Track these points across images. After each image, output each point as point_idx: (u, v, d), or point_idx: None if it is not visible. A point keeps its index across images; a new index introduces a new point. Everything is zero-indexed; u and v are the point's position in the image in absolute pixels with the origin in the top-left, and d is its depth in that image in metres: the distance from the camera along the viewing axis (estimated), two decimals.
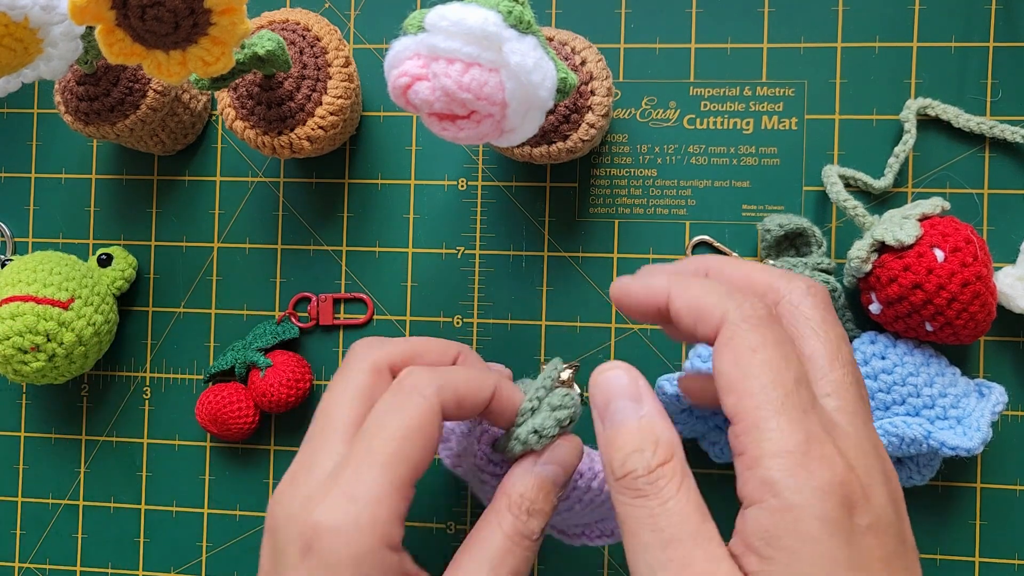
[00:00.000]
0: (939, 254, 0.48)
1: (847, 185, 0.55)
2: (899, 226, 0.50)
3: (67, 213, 0.62)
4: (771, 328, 0.32)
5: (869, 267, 0.51)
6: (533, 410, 0.40)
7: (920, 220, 0.50)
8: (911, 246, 0.49)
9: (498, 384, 0.40)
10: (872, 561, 0.29)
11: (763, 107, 0.56)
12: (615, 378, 0.34)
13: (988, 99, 0.55)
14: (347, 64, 0.53)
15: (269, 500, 0.39)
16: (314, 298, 0.59)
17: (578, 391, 0.42)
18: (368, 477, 0.34)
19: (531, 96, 0.40)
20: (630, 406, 0.33)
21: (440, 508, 0.58)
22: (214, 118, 0.61)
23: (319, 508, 0.34)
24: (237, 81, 0.51)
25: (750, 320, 0.32)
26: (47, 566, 0.61)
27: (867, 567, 0.29)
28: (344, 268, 0.59)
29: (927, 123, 0.55)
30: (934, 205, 0.51)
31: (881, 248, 0.51)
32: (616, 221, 0.57)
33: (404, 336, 0.58)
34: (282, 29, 0.53)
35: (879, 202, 0.55)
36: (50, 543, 0.61)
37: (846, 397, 0.32)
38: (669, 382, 0.51)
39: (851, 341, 0.54)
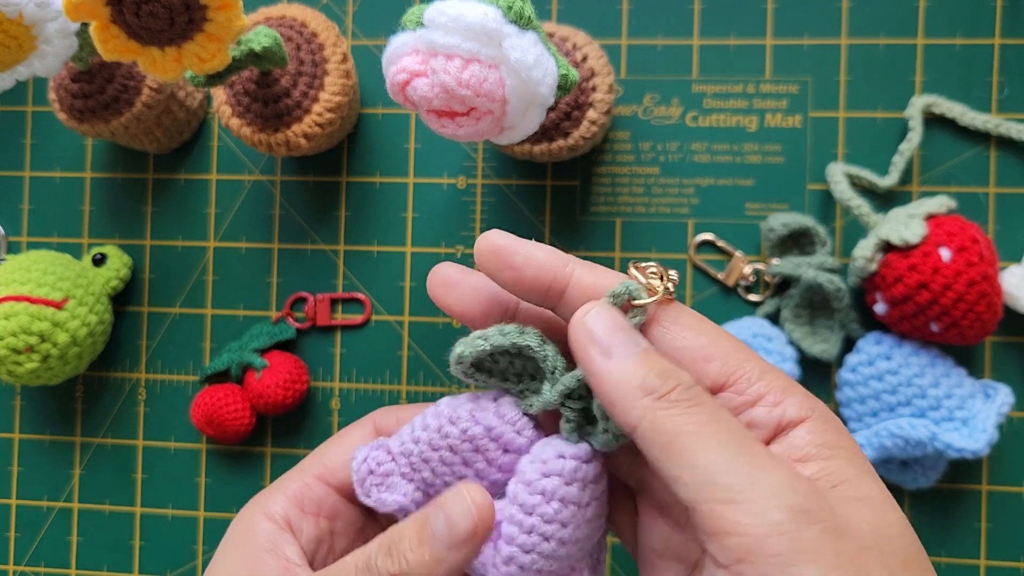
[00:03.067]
0: (945, 253, 0.48)
1: (852, 183, 0.54)
2: (904, 225, 0.49)
3: (61, 212, 0.61)
4: (690, 311, 0.34)
5: (874, 267, 0.50)
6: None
7: (926, 219, 0.50)
8: (917, 245, 0.49)
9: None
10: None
11: (767, 104, 0.56)
12: (606, 310, 0.32)
13: (994, 96, 0.55)
14: (344, 60, 0.52)
15: None
16: (311, 298, 0.58)
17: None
18: None
19: (531, 92, 0.40)
20: (635, 335, 0.32)
21: None
22: (210, 115, 0.60)
23: None
24: (233, 78, 0.51)
25: (676, 302, 0.34)
26: (41, 569, 0.61)
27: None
28: (341, 268, 0.59)
29: (932, 121, 0.55)
30: (940, 204, 0.51)
31: (886, 247, 0.50)
32: (618, 220, 0.57)
33: (403, 336, 0.58)
34: (279, 25, 0.52)
35: (884, 201, 0.55)
36: (44, 546, 0.61)
37: None
38: None
39: (856, 341, 0.53)
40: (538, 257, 0.33)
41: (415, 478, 0.37)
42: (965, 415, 0.50)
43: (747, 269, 0.55)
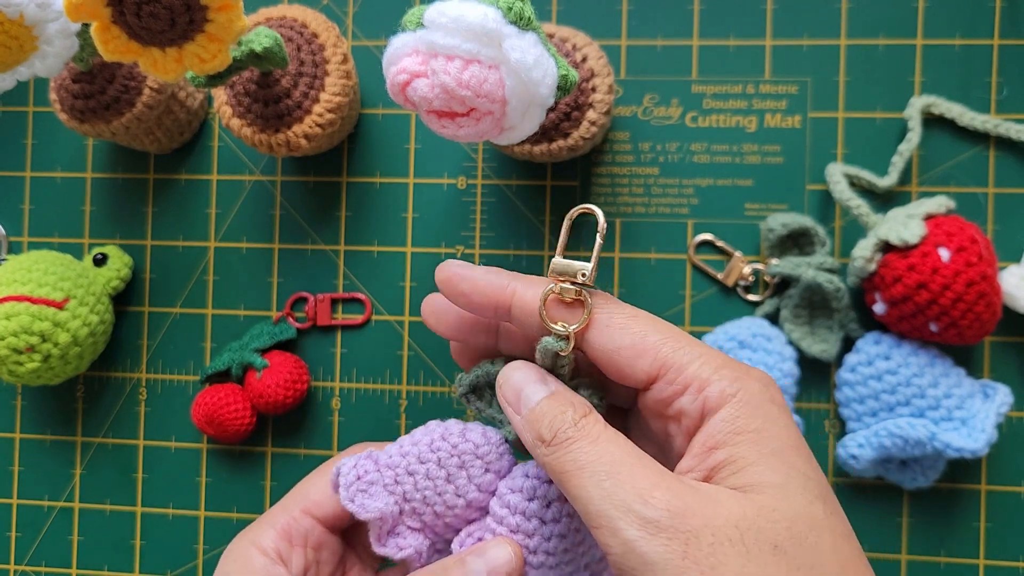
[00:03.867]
0: (944, 253, 0.48)
1: (851, 184, 0.54)
2: (904, 225, 0.49)
3: (62, 212, 0.61)
4: (614, 300, 0.37)
5: (873, 267, 0.50)
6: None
7: (925, 219, 0.50)
8: (916, 245, 0.49)
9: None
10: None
11: (766, 105, 0.56)
12: (519, 370, 0.37)
13: (993, 97, 0.55)
14: (345, 61, 0.52)
15: None
16: (311, 298, 0.58)
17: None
18: None
19: (531, 93, 0.40)
20: (539, 387, 0.36)
21: None
22: (210, 116, 0.60)
23: None
24: (234, 78, 0.51)
25: (608, 299, 0.36)
26: (42, 569, 0.61)
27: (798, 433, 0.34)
28: (342, 268, 0.59)
29: (931, 121, 0.55)
30: (939, 204, 0.51)
31: (885, 247, 0.50)
32: (618, 220, 0.57)
33: (403, 336, 0.58)
34: (279, 26, 0.52)
35: (883, 201, 0.55)
36: (45, 546, 0.61)
37: None
38: None
39: (855, 341, 0.54)
40: (479, 282, 0.37)
41: (396, 491, 0.40)
42: (964, 415, 0.51)
43: (746, 269, 0.55)
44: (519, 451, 0.40)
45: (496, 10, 0.38)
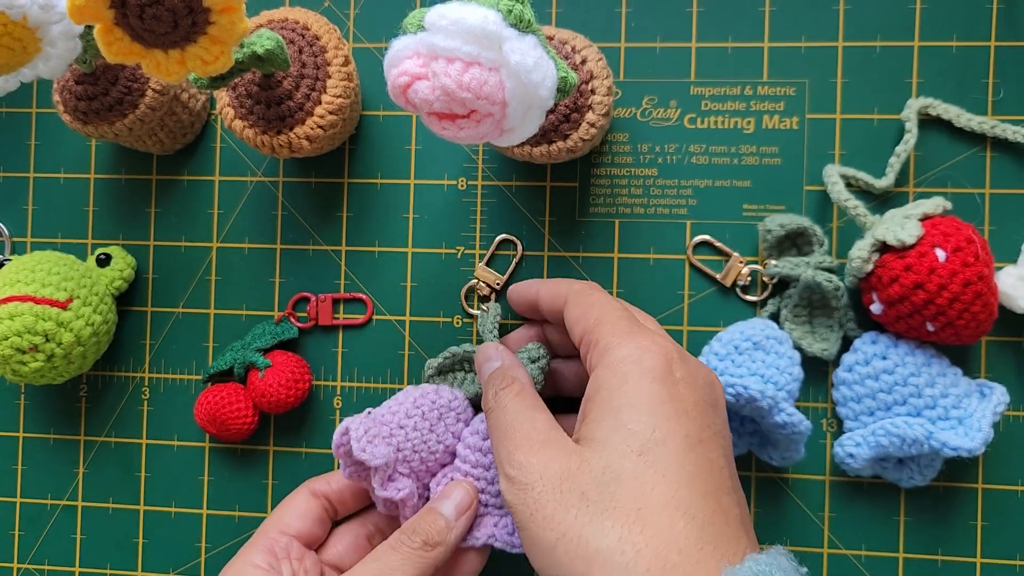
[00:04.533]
0: (941, 254, 0.48)
1: (848, 185, 0.55)
2: (900, 226, 0.50)
3: (65, 213, 0.61)
4: (598, 288, 0.48)
5: (870, 267, 0.51)
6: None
7: (921, 220, 0.50)
8: (912, 246, 0.49)
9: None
10: (683, 400, 0.40)
11: (764, 106, 0.56)
12: (483, 350, 0.50)
13: (990, 98, 0.55)
14: (346, 63, 0.53)
15: None
16: (313, 298, 0.59)
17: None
18: None
19: (531, 95, 0.40)
20: (492, 363, 0.49)
21: None
22: (213, 117, 0.61)
23: None
24: (236, 80, 0.51)
25: (583, 285, 0.48)
26: (45, 567, 0.61)
27: (678, 400, 0.39)
28: (343, 268, 0.59)
29: (928, 123, 0.55)
30: (936, 205, 0.51)
31: (882, 248, 0.50)
32: (617, 221, 0.57)
33: (404, 335, 0.58)
34: (281, 28, 0.52)
35: (880, 202, 0.55)
36: (49, 544, 0.61)
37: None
38: None
39: (852, 341, 0.54)
40: (521, 294, 0.54)
41: (392, 442, 0.49)
42: (961, 414, 0.51)
43: (745, 270, 0.56)
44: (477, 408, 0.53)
45: (496, 13, 0.39)
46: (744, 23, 0.56)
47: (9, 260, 0.57)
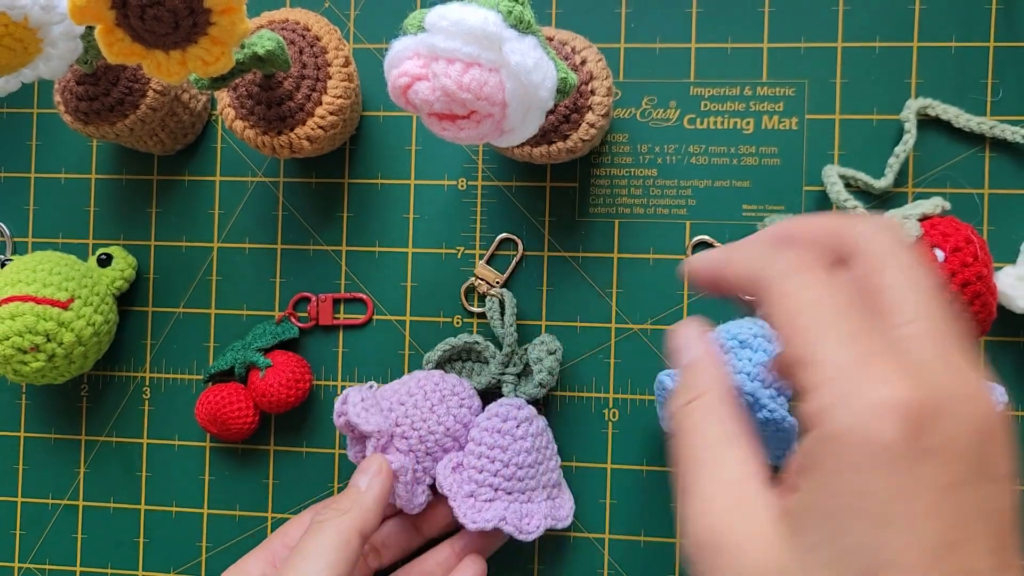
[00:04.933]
0: (939, 254, 0.48)
1: (847, 185, 0.55)
2: (899, 226, 0.50)
3: (66, 213, 0.62)
4: (813, 272, 0.30)
5: None
6: (540, 359, 0.53)
7: (920, 220, 0.50)
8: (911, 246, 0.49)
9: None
10: (926, 491, 0.25)
11: (763, 107, 0.56)
12: (681, 328, 0.35)
13: (988, 99, 0.55)
14: (347, 64, 0.53)
15: None
16: (314, 298, 0.59)
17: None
18: None
19: (531, 96, 0.40)
20: (681, 354, 0.34)
21: None
22: (214, 118, 0.61)
23: None
24: (237, 81, 0.51)
25: (791, 269, 0.30)
26: (47, 566, 0.61)
27: (917, 497, 0.25)
28: (344, 268, 0.59)
29: (927, 123, 0.55)
30: (934, 205, 0.51)
31: None
32: (616, 221, 0.57)
33: (404, 335, 0.58)
34: (282, 29, 0.53)
35: (880, 202, 0.55)
36: (50, 543, 0.61)
37: (928, 320, 0.28)
38: (669, 377, 0.51)
39: None
40: (702, 272, 0.35)
41: (390, 416, 0.51)
42: None
43: None
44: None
45: (496, 14, 0.39)
46: (744, 24, 0.57)
47: (10, 260, 0.57)
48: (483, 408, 0.54)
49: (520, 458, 0.51)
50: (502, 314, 0.56)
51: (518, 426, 0.52)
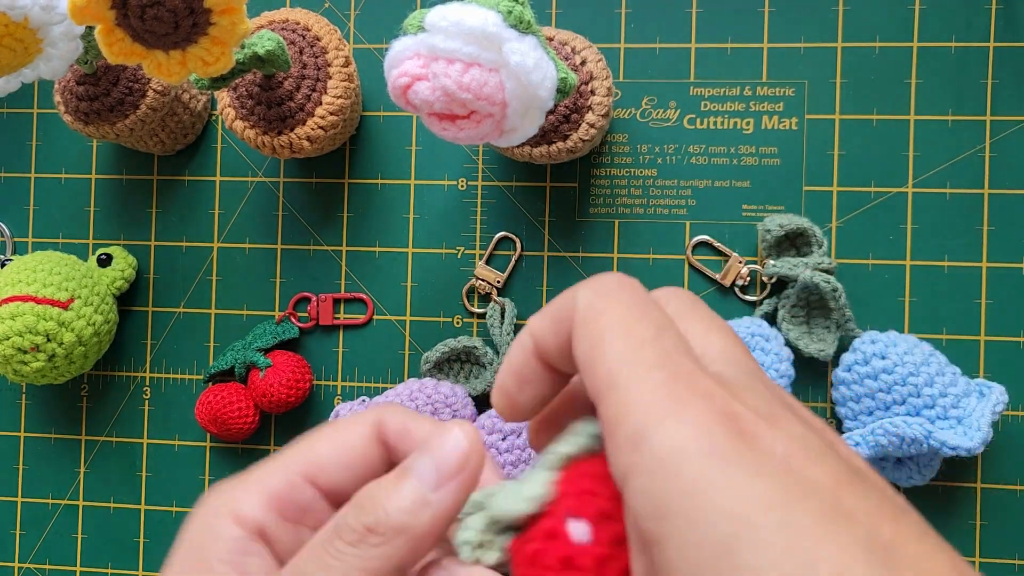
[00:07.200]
0: (578, 529, 0.24)
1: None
2: (518, 489, 0.25)
3: (67, 213, 0.62)
4: (620, 292, 0.25)
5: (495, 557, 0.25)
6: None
7: (559, 469, 0.25)
8: (537, 517, 0.24)
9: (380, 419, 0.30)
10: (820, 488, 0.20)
11: (763, 107, 0.56)
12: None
13: (988, 99, 0.55)
14: (347, 64, 0.53)
15: None
16: (314, 298, 0.59)
17: None
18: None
19: (531, 96, 0.40)
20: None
21: None
22: (214, 118, 0.61)
23: None
24: (237, 81, 0.51)
25: (592, 295, 0.25)
26: (47, 566, 0.61)
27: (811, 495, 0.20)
28: (344, 268, 0.59)
29: (927, 122, 0.55)
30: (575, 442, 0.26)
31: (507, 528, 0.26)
32: (616, 221, 0.57)
33: (404, 335, 0.58)
34: (282, 29, 0.53)
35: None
36: (50, 543, 0.61)
37: (734, 361, 0.25)
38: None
39: (851, 340, 0.54)
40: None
41: None
42: (959, 413, 0.51)
43: (744, 270, 0.56)
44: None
45: (496, 14, 0.39)
46: (743, 24, 0.57)
47: (11, 260, 0.57)
48: (478, 415, 0.55)
49: (506, 470, 0.52)
50: (502, 321, 0.56)
51: (503, 439, 0.52)
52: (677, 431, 0.21)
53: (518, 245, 0.57)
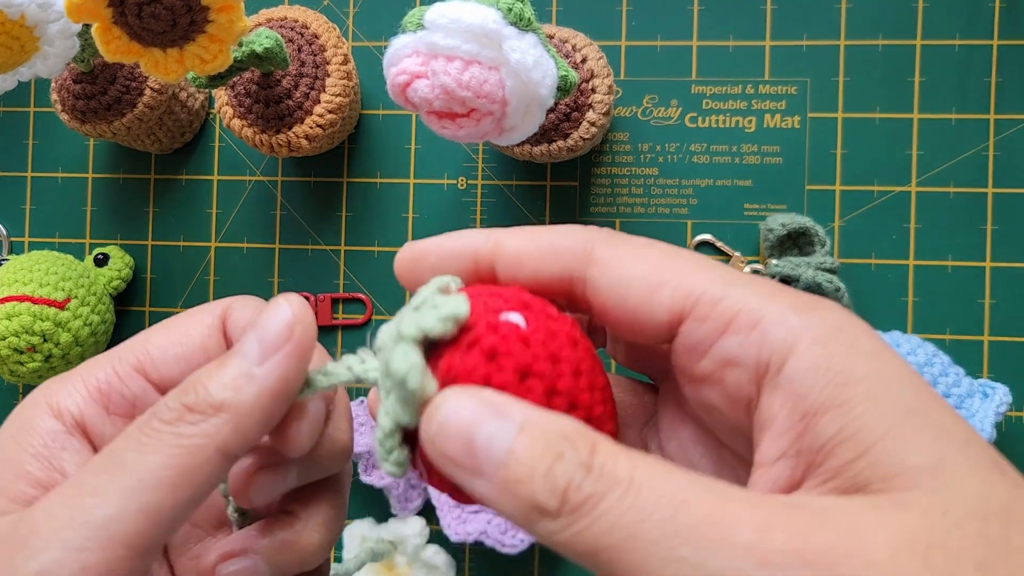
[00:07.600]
0: (514, 318, 0.24)
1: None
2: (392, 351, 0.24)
3: (63, 212, 0.61)
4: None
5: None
6: None
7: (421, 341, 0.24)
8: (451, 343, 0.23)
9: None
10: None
11: (765, 105, 0.56)
12: (458, 407, 0.21)
13: (992, 97, 0.55)
14: (346, 62, 0.52)
15: None
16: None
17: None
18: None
19: (531, 94, 0.40)
20: (502, 423, 0.21)
21: None
22: (212, 116, 0.60)
23: None
24: (235, 79, 0.51)
25: (612, 234, 0.25)
26: None
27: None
28: (343, 268, 0.59)
29: (930, 121, 0.55)
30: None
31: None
32: (617, 220, 0.57)
33: None
34: (280, 27, 0.52)
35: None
36: None
37: None
38: None
39: None
40: (446, 248, 0.28)
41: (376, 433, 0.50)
42: (963, 414, 0.51)
43: (746, 269, 0.55)
44: None
45: (496, 11, 0.38)
46: (745, 22, 0.56)
47: (7, 260, 0.56)
48: None
49: None
50: None
51: None
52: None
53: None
